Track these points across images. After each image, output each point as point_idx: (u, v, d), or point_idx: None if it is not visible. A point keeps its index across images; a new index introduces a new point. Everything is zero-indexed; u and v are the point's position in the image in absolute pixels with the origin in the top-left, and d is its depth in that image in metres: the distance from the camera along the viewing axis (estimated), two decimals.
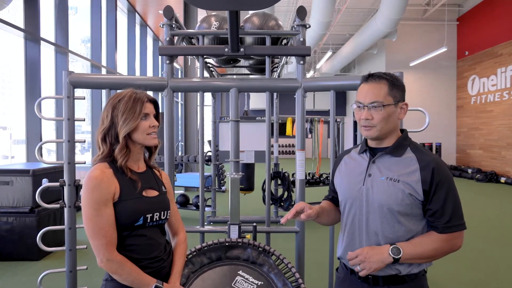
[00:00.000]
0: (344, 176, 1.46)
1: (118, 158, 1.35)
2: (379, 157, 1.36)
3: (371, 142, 1.40)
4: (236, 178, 2.26)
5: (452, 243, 1.29)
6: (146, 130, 1.37)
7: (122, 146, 1.35)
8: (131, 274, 1.31)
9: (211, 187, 5.59)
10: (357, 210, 1.37)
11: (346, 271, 1.42)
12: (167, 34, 2.36)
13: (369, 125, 1.32)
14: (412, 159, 1.32)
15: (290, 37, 2.70)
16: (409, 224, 1.30)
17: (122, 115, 1.34)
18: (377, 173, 1.34)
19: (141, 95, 1.40)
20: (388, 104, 1.30)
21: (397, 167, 1.32)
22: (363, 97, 1.33)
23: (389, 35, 11.28)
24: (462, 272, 3.85)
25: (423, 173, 1.28)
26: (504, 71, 11.01)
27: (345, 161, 1.50)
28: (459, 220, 1.29)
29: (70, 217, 2.27)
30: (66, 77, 2.22)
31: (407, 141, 1.37)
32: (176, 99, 13.11)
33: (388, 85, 1.31)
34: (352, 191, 1.39)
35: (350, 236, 1.40)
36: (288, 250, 2.83)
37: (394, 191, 1.29)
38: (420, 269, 1.33)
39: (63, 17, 6.86)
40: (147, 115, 1.39)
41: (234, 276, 1.69)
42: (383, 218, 1.31)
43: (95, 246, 1.29)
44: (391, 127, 1.33)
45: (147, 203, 1.38)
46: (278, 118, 5.85)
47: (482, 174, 11.31)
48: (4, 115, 6.51)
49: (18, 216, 4.04)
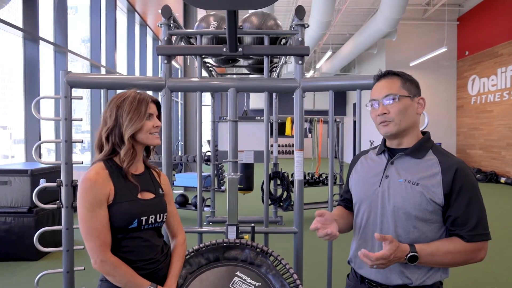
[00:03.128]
0: (359, 176, 1.41)
1: (123, 161, 1.35)
2: (398, 158, 1.30)
3: (390, 142, 1.35)
4: (234, 178, 2.25)
5: (474, 254, 1.20)
6: (150, 130, 1.39)
7: (128, 148, 1.35)
8: (125, 276, 1.31)
9: (210, 187, 5.59)
10: (371, 212, 1.31)
11: (357, 279, 1.38)
12: (165, 34, 2.35)
13: (386, 119, 1.26)
14: (433, 161, 1.24)
15: (289, 37, 2.69)
16: (426, 231, 1.23)
17: (127, 115, 1.34)
18: (395, 175, 1.28)
19: (145, 95, 1.41)
20: (403, 96, 1.25)
21: (417, 169, 1.25)
22: (376, 94, 1.30)
23: (389, 35, 11.27)
24: (462, 272, 3.84)
25: (445, 176, 1.20)
26: (504, 71, 10.99)
27: (362, 161, 1.45)
28: (484, 229, 1.19)
29: (67, 217, 2.26)
30: (64, 77, 2.21)
31: (429, 143, 1.30)
32: (175, 98, 13.10)
33: (401, 80, 1.29)
34: (367, 192, 1.33)
35: (363, 239, 1.34)
36: (287, 251, 2.82)
37: (412, 194, 1.22)
38: (434, 281, 1.24)
39: (62, 17, 6.85)
40: (151, 115, 1.40)
41: (232, 277, 1.68)
42: (397, 222, 1.24)
43: (89, 248, 1.28)
44: (410, 122, 1.27)
45: (142, 205, 1.37)
46: (278, 118, 5.84)
47: (482, 174, 11.30)
48: (4, 114, 6.50)
49: (16, 216, 4.03)
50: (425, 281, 1.23)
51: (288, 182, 5.39)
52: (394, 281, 1.25)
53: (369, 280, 1.32)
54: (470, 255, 1.20)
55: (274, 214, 5.79)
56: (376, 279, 1.30)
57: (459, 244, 1.20)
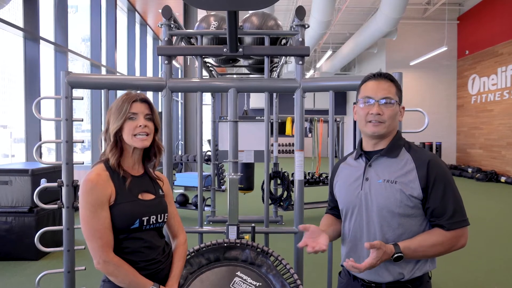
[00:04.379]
0: (342, 183, 1.45)
1: (109, 157, 1.36)
2: (375, 160, 1.35)
3: (366, 145, 1.39)
4: (234, 178, 2.26)
5: (455, 241, 1.25)
6: (132, 131, 1.34)
7: (112, 144, 1.35)
8: (128, 276, 1.31)
9: (211, 186, 5.59)
10: (357, 215, 1.35)
11: (349, 277, 1.41)
12: (165, 34, 2.36)
13: (379, 120, 1.30)
14: (407, 159, 1.31)
15: (289, 37, 2.69)
16: (410, 225, 1.28)
17: (112, 115, 1.36)
18: (374, 176, 1.33)
19: (131, 95, 1.38)
20: (396, 102, 1.31)
21: (393, 168, 1.30)
22: (373, 93, 1.31)
23: (389, 34, 11.26)
24: (462, 272, 3.84)
25: (419, 171, 1.26)
26: (504, 70, 10.99)
27: (342, 168, 1.49)
28: (461, 216, 1.25)
29: (68, 217, 2.27)
30: (64, 77, 2.21)
31: (401, 141, 1.36)
32: (176, 98, 13.10)
33: (395, 86, 1.34)
34: (351, 197, 1.37)
35: (352, 242, 1.38)
36: (287, 251, 2.83)
37: (392, 193, 1.27)
38: (423, 272, 1.30)
39: (63, 16, 6.85)
40: (135, 114, 1.35)
41: (233, 277, 1.68)
42: (383, 222, 1.29)
43: (91, 248, 1.29)
44: (395, 126, 1.34)
45: (143, 206, 1.37)
46: (278, 118, 5.84)
47: (482, 173, 11.30)
48: (4, 113, 6.51)
49: (17, 216, 4.03)
50: (414, 273, 1.29)
51: (289, 182, 5.39)
52: (386, 279, 1.29)
53: (362, 278, 1.35)
54: (451, 243, 1.26)
55: (274, 214, 5.80)
56: (369, 278, 1.33)
57: (440, 234, 1.25)
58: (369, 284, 1.33)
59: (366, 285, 1.34)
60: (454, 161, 13.81)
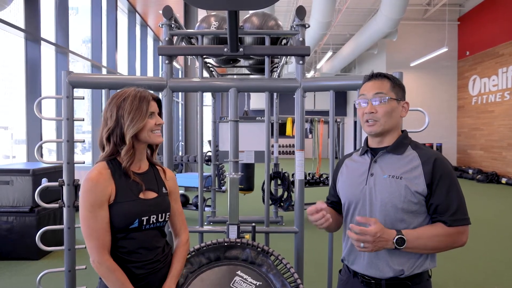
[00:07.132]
0: (346, 178, 1.46)
1: (123, 160, 1.34)
2: (380, 156, 1.37)
3: (372, 142, 1.41)
4: (235, 178, 2.26)
5: (456, 237, 1.27)
6: (152, 128, 1.37)
7: (129, 147, 1.33)
8: (117, 283, 1.29)
9: (211, 187, 5.59)
10: (360, 210, 1.36)
11: (349, 274, 1.41)
12: (166, 34, 2.36)
13: (373, 118, 1.33)
14: (413, 156, 1.32)
15: (290, 37, 2.70)
16: (413, 222, 1.29)
17: (128, 115, 1.32)
18: (379, 171, 1.34)
19: (145, 93, 1.38)
20: (391, 98, 1.33)
21: (399, 164, 1.32)
22: (366, 91, 1.36)
23: (389, 35, 11.27)
24: (463, 273, 3.84)
25: (425, 167, 1.28)
26: (505, 71, 10.99)
27: (347, 164, 1.50)
28: (463, 214, 1.27)
29: (69, 216, 2.27)
30: (66, 77, 2.22)
31: (407, 140, 1.38)
32: (176, 99, 13.11)
33: (390, 82, 1.36)
34: (355, 192, 1.39)
35: None
36: (287, 251, 2.83)
37: (397, 188, 1.28)
38: (423, 269, 1.30)
39: (63, 17, 6.86)
40: (152, 113, 1.38)
41: (233, 276, 1.68)
42: (386, 216, 1.30)
43: (89, 247, 1.29)
44: (394, 123, 1.35)
45: (143, 205, 1.35)
46: (278, 118, 5.84)
47: (483, 174, 11.28)
48: (5, 115, 6.52)
49: (18, 216, 4.04)
50: (414, 270, 1.29)
51: (289, 182, 5.39)
52: (386, 274, 1.30)
53: (362, 274, 1.35)
54: (453, 239, 1.27)
55: (274, 214, 5.80)
56: (369, 273, 1.33)
57: (442, 228, 1.26)
58: (369, 280, 1.33)
59: (366, 282, 1.34)
60: (455, 162, 13.80)
